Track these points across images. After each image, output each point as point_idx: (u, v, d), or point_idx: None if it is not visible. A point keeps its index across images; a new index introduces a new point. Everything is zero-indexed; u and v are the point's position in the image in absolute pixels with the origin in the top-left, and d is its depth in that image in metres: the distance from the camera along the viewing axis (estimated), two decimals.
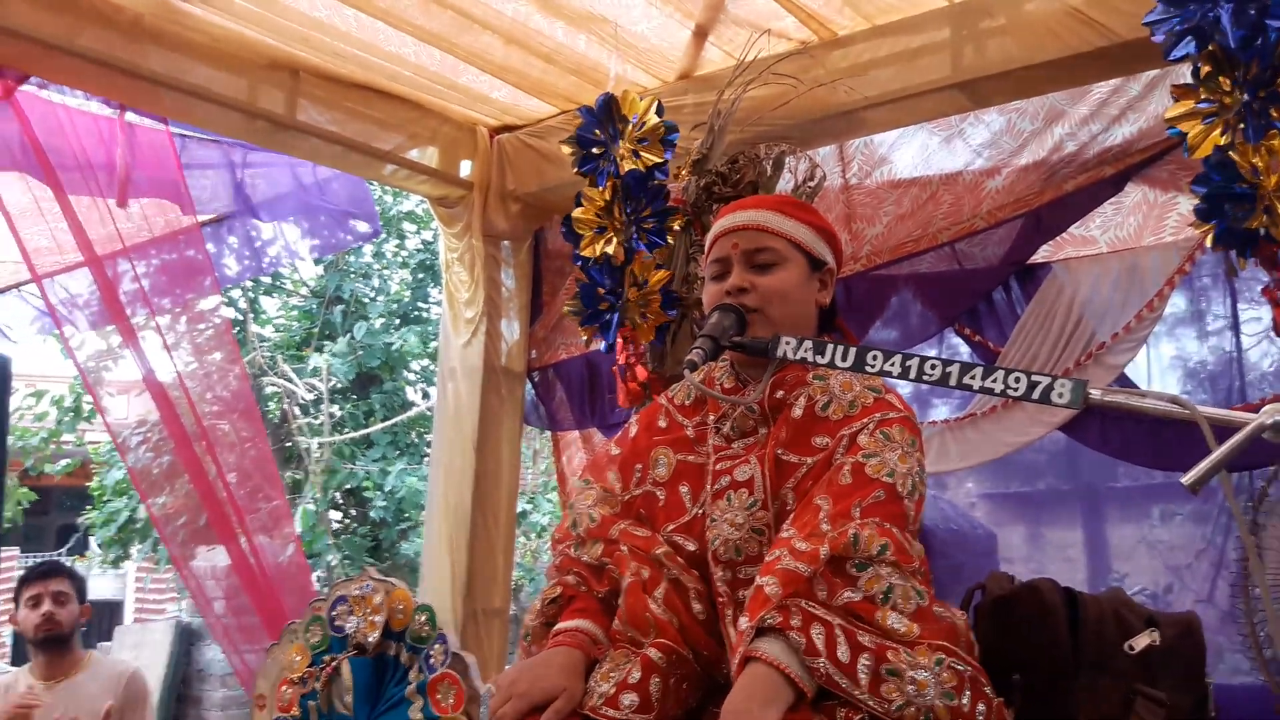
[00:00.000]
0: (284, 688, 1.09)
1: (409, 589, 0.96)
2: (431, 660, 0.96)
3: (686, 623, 1.66)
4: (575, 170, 2.82)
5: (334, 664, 1.00)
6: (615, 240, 2.74)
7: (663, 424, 1.86)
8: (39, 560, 4.04)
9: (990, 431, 2.91)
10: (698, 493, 1.75)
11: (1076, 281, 2.80)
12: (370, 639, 0.98)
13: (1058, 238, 2.85)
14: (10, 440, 8.75)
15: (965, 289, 2.93)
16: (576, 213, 2.79)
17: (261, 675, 1.12)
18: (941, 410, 3.09)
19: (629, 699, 1.55)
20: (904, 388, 2.99)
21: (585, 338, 2.84)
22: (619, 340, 2.78)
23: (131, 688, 3.56)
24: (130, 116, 3.32)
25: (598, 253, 2.71)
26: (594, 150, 2.78)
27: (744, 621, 1.47)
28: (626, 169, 2.70)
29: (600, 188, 2.73)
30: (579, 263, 2.84)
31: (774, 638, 1.42)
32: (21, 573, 3.80)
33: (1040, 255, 2.87)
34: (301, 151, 3.40)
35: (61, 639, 3.50)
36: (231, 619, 3.52)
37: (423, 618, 0.97)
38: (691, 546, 1.72)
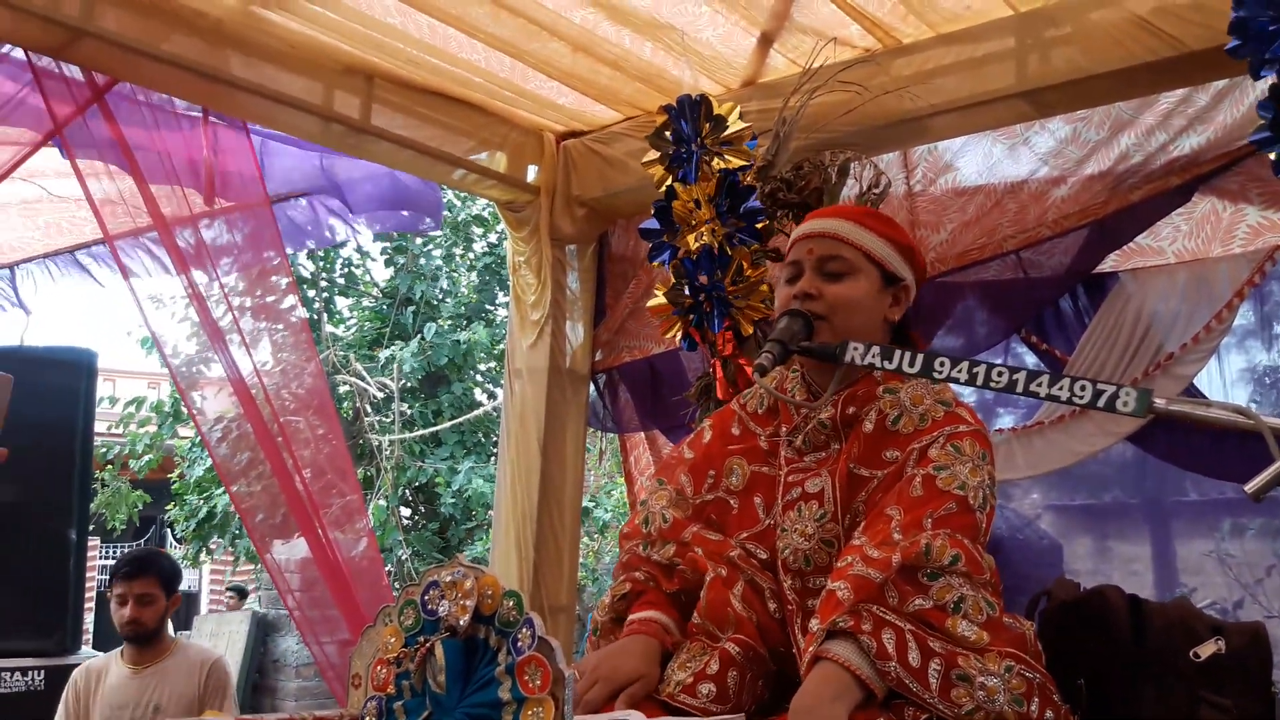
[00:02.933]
0: (379, 668, 1.14)
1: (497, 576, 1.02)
2: (519, 643, 1.00)
3: (764, 621, 1.69)
4: (665, 166, 2.83)
5: (428, 645, 1.05)
6: (710, 235, 2.76)
7: (736, 431, 1.88)
8: (128, 553, 4.15)
9: (1058, 440, 2.87)
10: (770, 504, 1.78)
11: (1144, 292, 2.76)
12: (462, 622, 1.03)
13: (1125, 247, 2.81)
14: (118, 447, 9.05)
15: (1031, 297, 2.90)
16: (675, 204, 2.81)
17: (357, 656, 1.18)
18: (1007, 419, 3.08)
19: (706, 689, 1.58)
20: (969, 395, 2.99)
21: (673, 332, 2.83)
22: (720, 333, 2.80)
23: (214, 675, 3.64)
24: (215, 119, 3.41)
25: (694, 245, 2.74)
26: (682, 149, 2.81)
27: (814, 624, 1.50)
28: (718, 168, 2.74)
29: (690, 184, 2.77)
30: (660, 257, 2.84)
31: (845, 640, 1.43)
32: (110, 562, 3.87)
33: (1107, 265, 2.83)
34: (375, 156, 3.45)
35: (146, 636, 3.59)
36: (310, 610, 3.60)
37: (510, 603, 1.01)
38: (764, 555, 1.75)
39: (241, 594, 10.36)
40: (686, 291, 2.76)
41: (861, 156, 2.78)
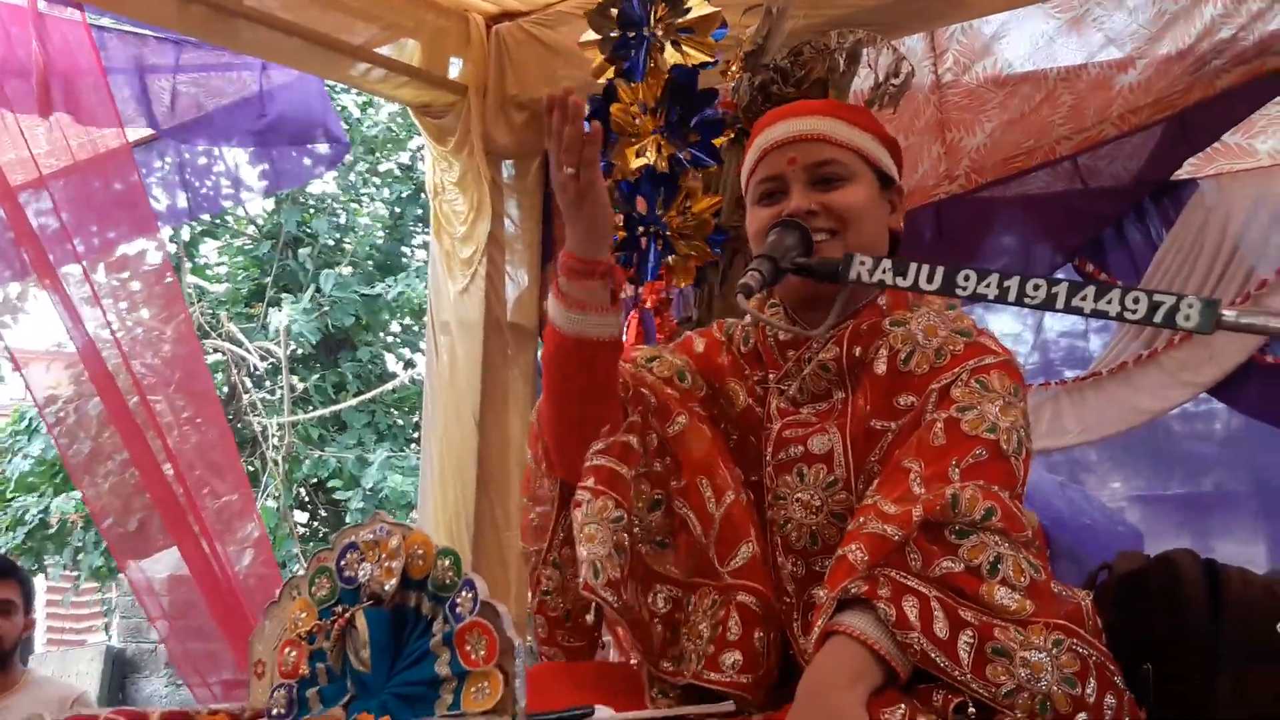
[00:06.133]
0: (287, 649, 1.20)
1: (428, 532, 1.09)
2: (458, 609, 1.07)
3: (769, 557, 1.78)
4: (606, 55, 2.85)
5: (347, 615, 1.12)
6: (655, 151, 2.78)
7: (724, 360, 1.93)
8: None
9: (1118, 395, 2.97)
10: (761, 453, 1.85)
11: (1230, 203, 2.85)
12: (387, 587, 1.09)
13: (1208, 149, 2.91)
14: None
15: (1089, 214, 3.00)
16: (614, 108, 2.81)
17: (258, 639, 1.24)
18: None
19: (731, 659, 1.66)
20: (1011, 340, 3.04)
21: None
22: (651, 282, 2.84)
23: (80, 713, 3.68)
24: (42, 5, 3.40)
25: (634, 163, 2.76)
26: (629, 34, 2.81)
27: (823, 594, 1.57)
28: (671, 63, 2.74)
29: (637, 82, 2.78)
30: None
31: (860, 610, 1.50)
32: None
33: (1184, 171, 2.93)
34: (248, 45, 3.49)
35: (1, 656, 3.64)
36: (188, 644, 3.62)
37: (446, 562, 1.07)
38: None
39: None
40: (621, 222, 2.77)
41: (877, 38, 2.83)
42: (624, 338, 2.25)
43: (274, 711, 1.20)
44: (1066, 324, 3.24)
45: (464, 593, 1.06)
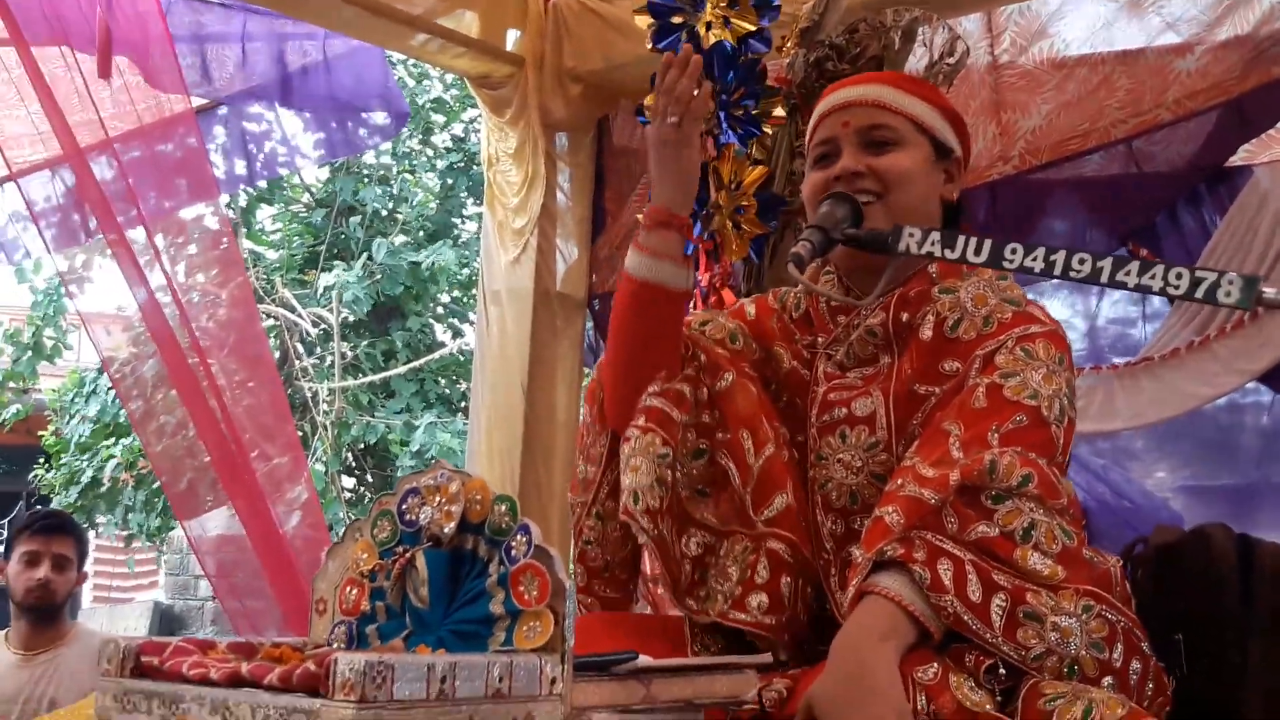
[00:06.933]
0: (348, 588, 1.27)
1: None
2: (513, 551, 1.13)
3: (807, 514, 1.85)
4: (651, 45, 2.93)
5: (408, 556, 1.19)
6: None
7: (774, 325, 2.00)
8: (38, 510, 4.29)
9: (1171, 380, 2.98)
10: (806, 415, 1.91)
11: None
12: (446, 530, 1.15)
13: (1263, 135, 2.93)
14: None
15: (1143, 198, 3.01)
16: (649, 100, 2.87)
17: (321, 578, 1.31)
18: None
19: (757, 600, 1.75)
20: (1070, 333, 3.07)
21: None
22: (702, 256, 2.89)
23: None
24: None
25: None
26: (674, 19, 2.86)
27: (859, 553, 1.63)
28: (713, 40, 2.79)
29: None
30: None
31: (895, 572, 1.55)
32: (21, 518, 3.91)
33: (1239, 157, 2.94)
34: (312, 14, 3.58)
35: (53, 610, 3.76)
36: (246, 601, 3.70)
37: (503, 507, 1.13)
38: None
39: None
40: None
41: (933, 17, 2.85)
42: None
43: (334, 645, 1.27)
44: (1117, 311, 3.26)
45: (519, 536, 1.12)
